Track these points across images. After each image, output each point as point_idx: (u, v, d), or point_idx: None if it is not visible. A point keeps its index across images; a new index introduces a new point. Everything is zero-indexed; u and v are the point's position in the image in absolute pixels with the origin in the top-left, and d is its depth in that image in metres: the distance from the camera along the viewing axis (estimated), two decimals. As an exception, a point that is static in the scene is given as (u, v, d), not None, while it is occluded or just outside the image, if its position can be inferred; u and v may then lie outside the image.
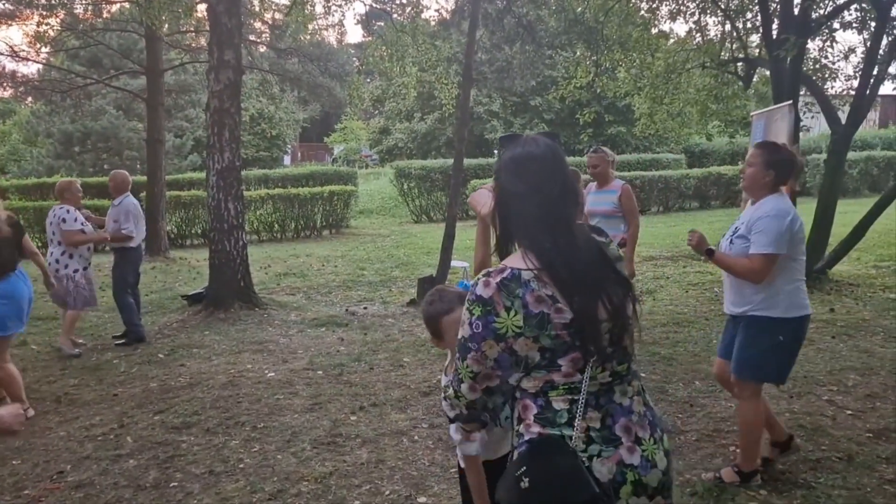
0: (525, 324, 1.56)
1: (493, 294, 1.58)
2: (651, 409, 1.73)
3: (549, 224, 1.62)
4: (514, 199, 1.67)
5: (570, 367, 1.59)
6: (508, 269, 1.60)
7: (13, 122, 38.40)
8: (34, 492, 3.76)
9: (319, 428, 4.52)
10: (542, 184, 1.64)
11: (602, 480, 1.55)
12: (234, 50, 8.16)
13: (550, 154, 1.68)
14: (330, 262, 12.50)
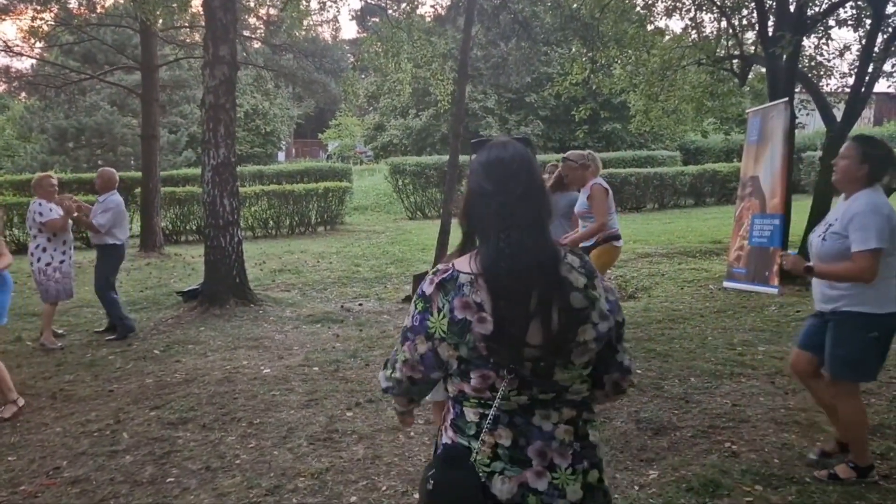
0: (448, 329, 1.58)
1: (433, 293, 1.62)
2: (587, 442, 1.67)
3: (505, 225, 1.59)
4: (478, 200, 1.66)
5: (479, 383, 1.59)
6: (450, 270, 1.62)
7: (7, 117, 38.17)
8: (30, 487, 3.75)
9: (315, 424, 4.52)
10: (505, 185, 1.63)
11: (500, 498, 1.57)
12: (229, 45, 8.14)
13: (518, 158, 1.67)
14: (325, 259, 12.49)
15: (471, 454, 1.60)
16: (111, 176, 7.18)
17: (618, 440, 4.05)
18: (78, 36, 16.31)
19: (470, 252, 1.66)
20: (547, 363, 1.57)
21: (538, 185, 1.67)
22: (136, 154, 28.14)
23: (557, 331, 1.55)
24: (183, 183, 18.83)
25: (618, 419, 4.36)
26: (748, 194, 8.42)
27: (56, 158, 27.42)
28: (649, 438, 4.06)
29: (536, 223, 1.61)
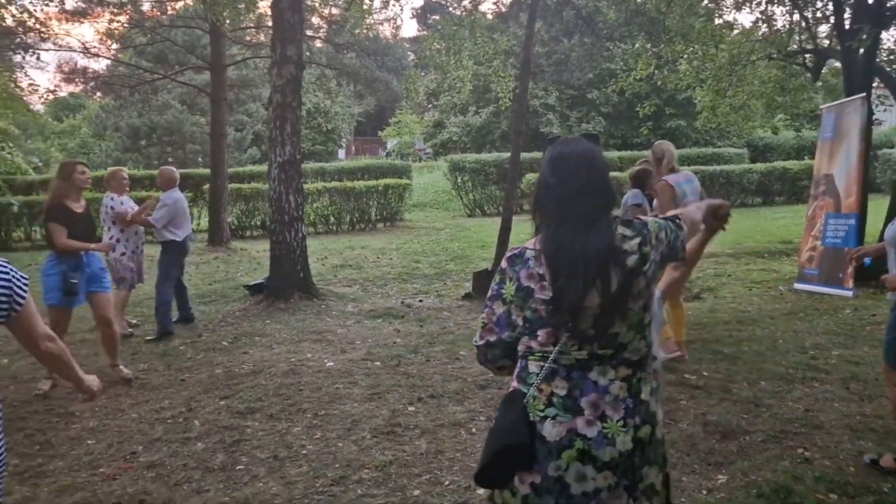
0: (515, 294, 1.88)
1: (506, 266, 1.93)
2: (639, 399, 1.83)
3: (561, 213, 1.85)
4: (543, 192, 1.91)
5: (545, 338, 1.84)
6: (519, 248, 1.93)
7: (83, 116, 39.88)
8: (109, 470, 3.93)
9: (379, 417, 4.58)
10: (565, 180, 1.86)
11: (548, 439, 1.78)
12: (295, 45, 8.31)
13: (578, 154, 1.90)
14: (385, 255, 12.63)
15: (524, 397, 1.83)
16: (171, 174, 7.39)
17: (684, 443, 3.97)
18: (150, 37, 16.92)
19: None
20: (607, 319, 1.80)
21: (598, 180, 1.88)
22: (204, 151, 29.03)
23: (615, 291, 1.78)
24: (248, 180, 19.31)
25: (684, 421, 4.28)
26: (822, 193, 8.13)
27: (129, 156, 28.53)
28: (717, 442, 3.97)
29: (590, 216, 1.83)
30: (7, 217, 15.72)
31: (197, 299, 8.81)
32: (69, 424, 4.67)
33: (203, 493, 3.60)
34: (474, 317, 6.90)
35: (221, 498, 3.53)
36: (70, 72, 18.54)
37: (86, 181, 5.57)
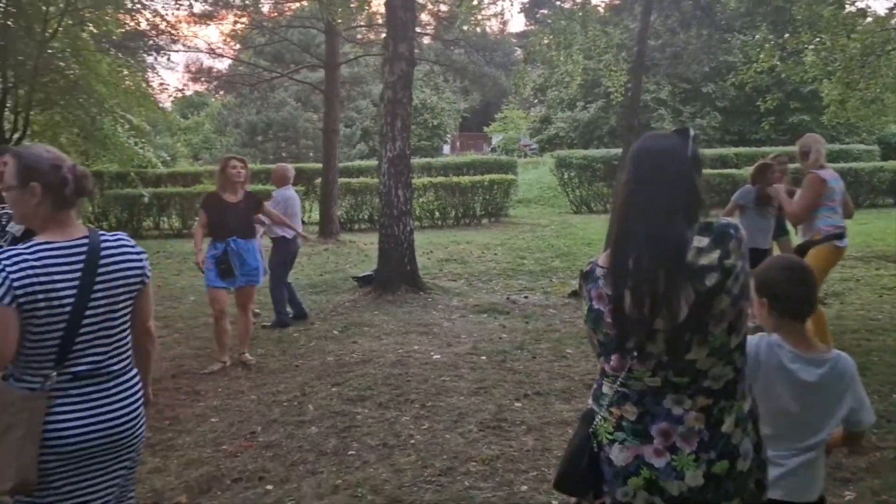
0: (587, 316, 1.76)
1: (581, 283, 1.82)
2: (718, 431, 1.66)
3: (629, 217, 1.69)
4: (620, 188, 1.76)
5: (616, 363, 1.72)
6: (591, 264, 1.79)
7: (206, 113, 42.26)
8: (231, 447, 4.16)
9: (485, 411, 4.61)
10: (643, 176, 1.70)
11: (615, 463, 1.70)
12: (407, 42, 8.46)
13: (660, 150, 1.74)
14: (490, 250, 12.67)
15: (594, 417, 1.77)
16: (283, 172, 7.61)
17: (806, 455, 3.76)
18: (269, 37, 17.70)
19: None
20: (679, 344, 1.62)
21: (675, 179, 1.68)
22: (316, 147, 30.09)
23: (687, 314, 1.59)
24: (357, 174, 19.85)
25: (806, 432, 4.06)
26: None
27: (247, 150, 29.96)
28: (844, 457, 3.73)
29: (661, 221, 1.64)
30: (139, 207, 16.92)
31: (309, 289, 9.16)
32: (195, 402, 4.98)
33: (317, 474, 3.75)
34: (581, 315, 6.79)
35: (334, 480, 3.66)
36: (196, 71, 19.72)
37: (237, 175, 5.89)
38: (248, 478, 3.74)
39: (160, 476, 3.76)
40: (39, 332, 1.98)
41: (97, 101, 14.73)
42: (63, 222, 2.06)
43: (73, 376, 2.03)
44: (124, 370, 2.17)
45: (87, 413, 2.03)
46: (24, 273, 1.92)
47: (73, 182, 2.03)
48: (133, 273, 2.16)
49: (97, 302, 2.04)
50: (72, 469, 2.02)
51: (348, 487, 3.57)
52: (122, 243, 2.17)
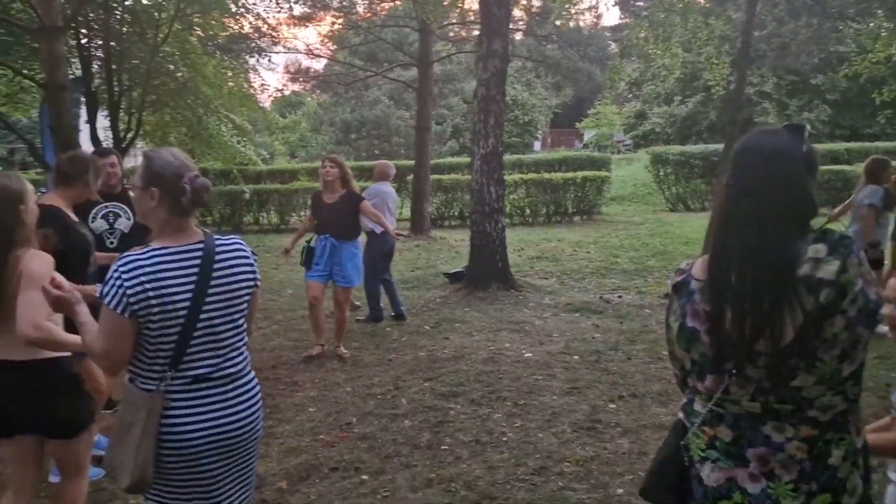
0: (679, 334, 1.60)
1: (673, 295, 1.64)
2: (823, 463, 1.49)
3: (738, 224, 1.51)
4: (721, 193, 1.59)
5: (711, 384, 1.57)
6: (685, 274, 1.62)
7: (302, 112, 43.64)
8: (328, 437, 4.28)
9: (578, 412, 4.55)
10: (748, 180, 1.52)
11: (706, 482, 1.58)
12: (501, 39, 8.43)
13: (767, 147, 1.54)
14: (582, 248, 12.48)
15: (686, 431, 1.65)
16: (382, 169, 7.70)
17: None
18: (364, 37, 18.05)
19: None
20: (782, 370, 1.46)
21: (783, 181, 1.50)
22: (408, 144, 30.53)
23: (793, 338, 1.43)
24: (448, 171, 19.97)
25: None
26: None
27: (341, 148, 30.75)
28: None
29: (766, 227, 1.47)
30: (240, 203, 17.65)
31: (401, 284, 9.25)
32: (294, 392, 5.15)
33: (411, 467, 3.81)
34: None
35: (428, 474, 3.70)
36: (295, 72, 20.36)
37: (326, 175, 6.08)
38: (345, 467, 3.83)
39: (262, 462, 3.91)
40: (155, 336, 2.02)
41: (203, 101, 15.46)
42: (179, 227, 2.09)
43: (192, 379, 2.06)
44: (241, 373, 2.18)
45: (205, 415, 2.06)
46: (138, 281, 1.96)
47: (191, 193, 2.04)
48: (246, 278, 2.17)
49: (211, 306, 2.06)
50: (193, 469, 2.06)
51: (442, 482, 3.60)
52: (237, 248, 2.19)
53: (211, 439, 2.06)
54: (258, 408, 2.22)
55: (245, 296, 2.17)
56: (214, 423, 2.07)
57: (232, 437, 2.11)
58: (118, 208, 4.51)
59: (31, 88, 15.39)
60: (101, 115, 15.08)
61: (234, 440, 2.12)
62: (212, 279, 2.06)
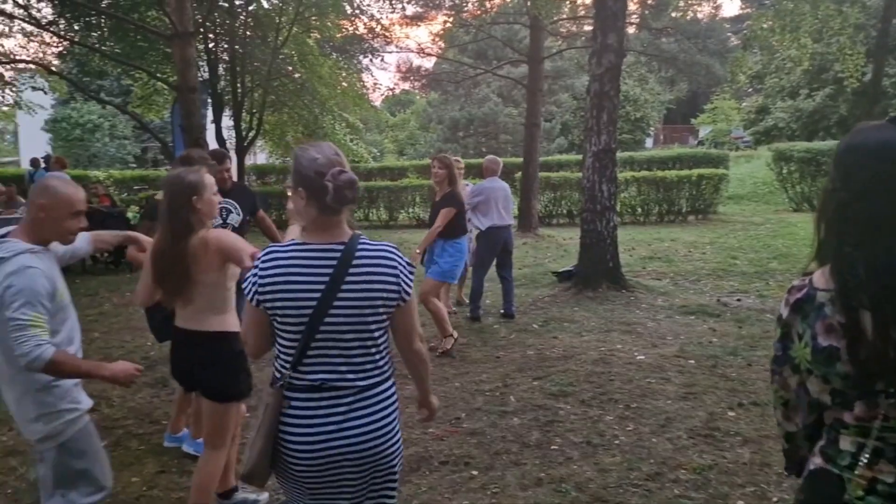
0: (813, 359, 1.38)
1: (789, 316, 1.44)
2: None
3: (851, 231, 1.36)
4: (826, 196, 1.44)
5: (863, 412, 1.36)
6: (806, 288, 1.43)
7: (411, 110, 44.45)
8: (438, 431, 4.32)
9: (695, 418, 4.37)
10: (848, 177, 1.39)
11: None
12: (616, 33, 8.23)
13: (875, 144, 1.38)
14: (697, 249, 12.01)
15: (844, 488, 1.39)
16: (488, 165, 7.62)
17: None
18: (474, 35, 18.13)
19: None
20: None
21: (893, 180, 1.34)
22: (515, 141, 30.42)
23: None
24: (556, 168, 19.74)
25: None
26: None
27: (449, 146, 31.04)
28: None
29: (886, 228, 1.33)
30: (352, 199, 18.19)
31: (509, 282, 9.28)
32: (403, 386, 5.19)
33: (520, 465, 3.78)
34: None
35: (537, 473, 3.67)
36: (406, 71, 20.71)
37: (434, 175, 6.26)
38: (455, 462, 3.86)
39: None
40: (283, 332, 1.98)
41: (319, 101, 16.07)
42: (326, 225, 2.00)
43: (311, 384, 1.98)
44: (371, 387, 2.02)
45: (319, 426, 1.96)
46: (270, 273, 1.95)
47: (333, 191, 1.93)
48: (384, 289, 1.99)
49: (339, 311, 1.94)
50: (313, 477, 1.99)
51: (552, 482, 3.56)
52: (382, 256, 2.02)
53: (322, 451, 1.96)
54: (386, 427, 2.04)
55: (381, 307, 2.00)
56: (328, 436, 1.96)
57: (354, 452, 1.98)
58: (230, 204, 4.83)
59: (164, 91, 16.52)
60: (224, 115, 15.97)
61: (357, 456, 1.99)
62: (344, 283, 1.94)
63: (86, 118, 30.21)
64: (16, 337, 2.32)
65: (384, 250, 2.04)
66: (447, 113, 31.17)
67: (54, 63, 16.52)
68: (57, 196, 2.55)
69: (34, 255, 2.48)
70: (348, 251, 1.97)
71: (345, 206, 1.98)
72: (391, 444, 2.07)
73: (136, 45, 13.93)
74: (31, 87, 17.94)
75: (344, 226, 2.04)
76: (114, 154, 31.01)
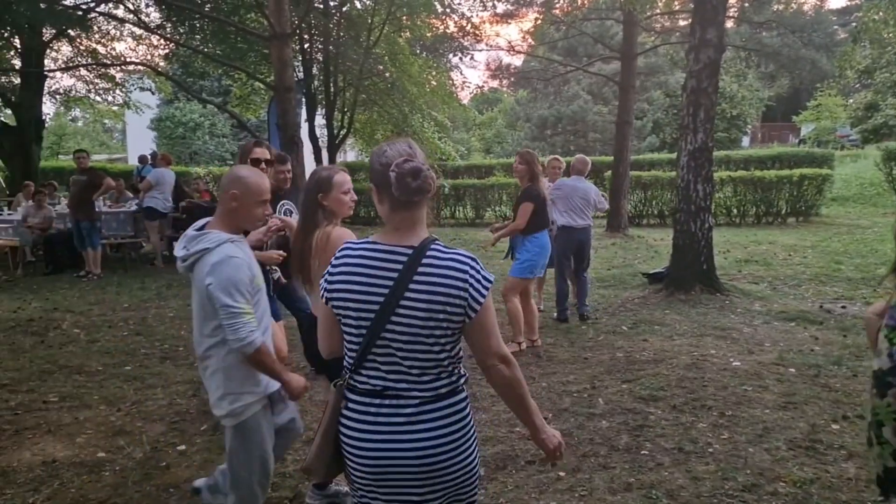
0: None
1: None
2: None
3: None
4: None
5: None
6: None
7: (498, 109, 44.35)
8: (524, 430, 4.26)
9: (795, 429, 4.18)
10: None
11: None
12: (716, 28, 7.94)
13: None
14: (797, 252, 11.44)
15: None
16: (574, 164, 7.51)
17: None
18: (564, 32, 17.90)
19: None
20: None
21: None
22: (604, 140, 29.87)
23: None
24: (647, 168, 19.26)
25: None
26: None
27: (536, 144, 30.81)
28: None
29: None
30: (439, 197, 18.35)
31: (597, 283, 9.13)
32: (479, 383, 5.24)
33: (609, 468, 3.72)
34: None
35: (627, 478, 3.59)
36: (496, 69, 20.69)
37: (514, 170, 6.29)
38: (541, 462, 3.83)
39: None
40: (347, 333, 1.92)
41: (409, 100, 16.25)
42: (399, 224, 1.89)
43: (367, 390, 1.90)
44: (434, 399, 1.88)
45: (376, 431, 1.88)
46: (340, 271, 1.90)
47: (395, 181, 1.81)
48: (448, 301, 1.82)
49: (400, 318, 1.83)
50: (370, 483, 1.92)
51: (642, 487, 3.48)
52: (452, 263, 1.85)
53: (378, 458, 1.88)
54: (451, 444, 1.89)
55: (444, 320, 1.83)
56: (384, 444, 1.87)
57: (406, 465, 1.87)
58: (291, 206, 4.94)
59: (261, 90, 17.15)
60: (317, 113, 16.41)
61: (410, 469, 1.87)
62: (408, 290, 1.82)
63: (188, 117, 31.77)
64: (230, 324, 2.51)
65: (455, 259, 1.86)
66: (535, 111, 30.93)
67: (161, 65, 17.42)
68: (248, 185, 2.67)
69: (235, 245, 2.63)
70: (416, 256, 1.84)
71: (410, 196, 1.84)
72: (457, 462, 1.90)
73: (236, 46, 14.52)
74: (140, 88, 19.02)
75: (419, 227, 1.90)
76: (213, 151, 32.46)
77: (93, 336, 6.81)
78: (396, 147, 1.90)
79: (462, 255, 1.87)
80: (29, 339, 6.77)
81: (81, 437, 4.32)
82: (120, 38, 17.02)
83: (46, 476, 3.76)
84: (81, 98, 19.02)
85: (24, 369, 5.75)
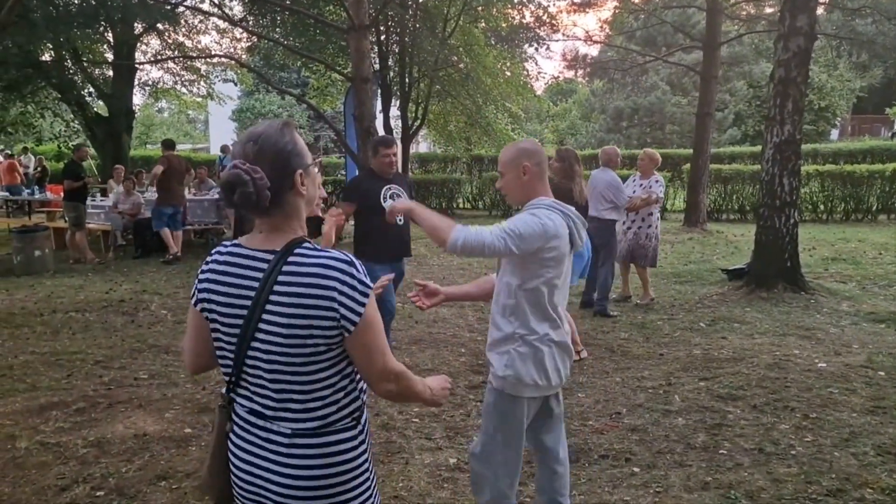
0: None
1: None
2: None
3: None
4: None
5: None
6: None
7: (573, 100, 43.76)
8: (597, 424, 4.27)
9: (884, 434, 4.00)
10: None
11: None
12: (808, 15, 7.61)
13: None
14: (889, 251, 10.88)
15: None
16: (601, 155, 7.38)
17: None
18: (644, 21, 17.48)
19: None
20: None
21: None
22: (682, 132, 29.08)
23: None
24: (727, 161, 18.64)
25: None
26: None
27: (611, 136, 30.27)
28: None
29: None
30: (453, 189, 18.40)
31: (673, 278, 8.95)
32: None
33: (685, 466, 3.65)
34: None
35: (704, 477, 3.52)
36: (572, 59, 20.42)
37: (550, 166, 6.16)
38: (615, 456, 3.80)
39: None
40: (219, 346, 1.65)
41: (483, 90, 16.23)
42: (259, 225, 1.62)
43: (247, 411, 1.65)
44: (309, 433, 1.58)
45: (248, 459, 1.64)
46: (206, 276, 1.65)
47: (253, 187, 1.50)
48: (315, 311, 1.50)
49: (263, 334, 1.54)
50: None
51: (720, 487, 3.40)
52: (316, 268, 1.52)
53: (248, 489, 1.65)
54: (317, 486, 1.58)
55: (311, 336, 1.51)
56: (255, 473, 1.62)
57: (271, 496, 1.61)
58: (399, 189, 5.01)
59: (338, 82, 17.44)
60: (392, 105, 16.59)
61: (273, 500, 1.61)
62: (268, 302, 1.52)
63: (267, 108, 32.66)
64: None
65: (322, 264, 1.52)
66: (611, 102, 30.35)
67: (243, 57, 17.96)
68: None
69: None
70: (277, 262, 1.54)
71: (238, 209, 1.59)
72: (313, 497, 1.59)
73: (315, 38, 14.79)
74: (223, 80, 19.67)
75: (287, 228, 1.60)
76: (291, 141, 33.23)
77: (179, 317, 7.11)
78: (244, 139, 1.59)
79: (333, 257, 1.53)
80: (120, 318, 7.14)
81: (169, 412, 4.54)
82: (205, 32, 17.66)
83: (138, 448, 3.96)
84: (168, 89, 19.85)
85: (116, 347, 6.06)
